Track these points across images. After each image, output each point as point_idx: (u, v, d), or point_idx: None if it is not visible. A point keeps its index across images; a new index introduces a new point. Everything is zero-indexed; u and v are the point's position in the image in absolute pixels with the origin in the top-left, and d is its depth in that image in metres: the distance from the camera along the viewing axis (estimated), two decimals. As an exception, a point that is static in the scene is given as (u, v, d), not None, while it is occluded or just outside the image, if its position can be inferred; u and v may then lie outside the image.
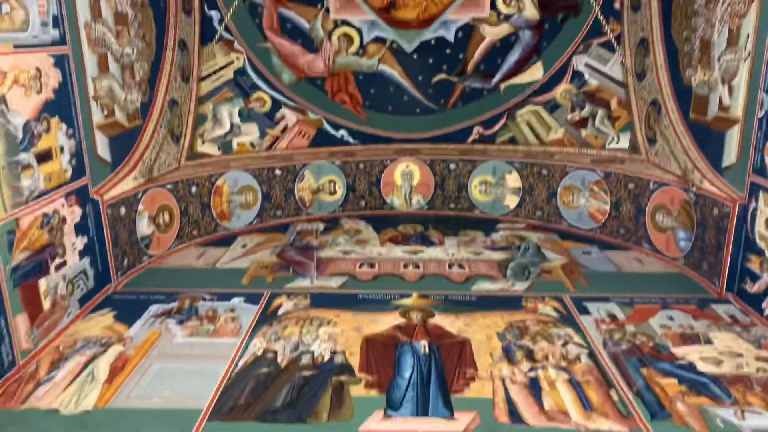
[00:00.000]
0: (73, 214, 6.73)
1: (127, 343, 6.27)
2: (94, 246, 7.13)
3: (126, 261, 7.83)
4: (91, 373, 5.72)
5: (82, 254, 6.89)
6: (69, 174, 6.66)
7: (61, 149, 6.50)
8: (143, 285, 7.69)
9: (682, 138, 8.13)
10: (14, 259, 5.72)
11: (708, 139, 7.68)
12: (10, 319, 5.61)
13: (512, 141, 10.30)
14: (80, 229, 6.87)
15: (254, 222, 9.69)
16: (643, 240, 8.69)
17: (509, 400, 5.35)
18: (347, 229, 9.75)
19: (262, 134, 10.08)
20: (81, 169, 6.90)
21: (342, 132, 10.39)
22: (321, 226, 9.82)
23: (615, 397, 5.35)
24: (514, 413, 5.19)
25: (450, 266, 8.32)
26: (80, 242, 6.87)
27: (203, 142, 9.61)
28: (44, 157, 6.20)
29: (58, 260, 6.42)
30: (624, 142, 9.49)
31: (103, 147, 7.39)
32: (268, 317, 6.87)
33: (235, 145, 9.89)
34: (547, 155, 9.88)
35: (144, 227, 8.15)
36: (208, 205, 9.16)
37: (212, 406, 5.26)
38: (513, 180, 9.94)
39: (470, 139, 10.43)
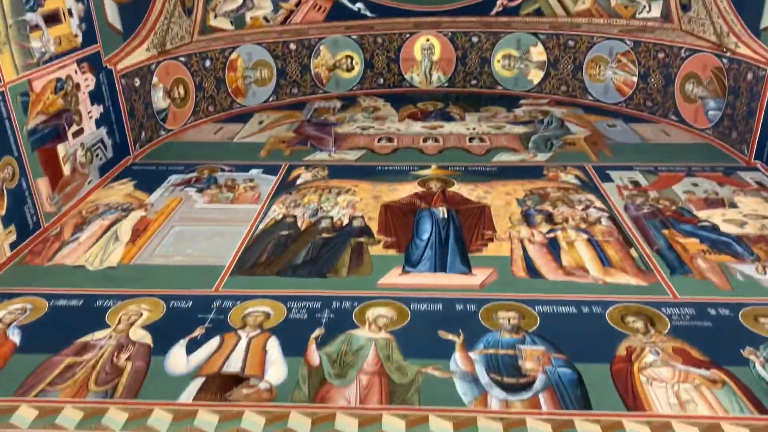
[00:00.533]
0: (86, 81, 6.62)
1: (148, 208, 6.33)
2: (110, 116, 7.07)
3: (143, 134, 7.79)
4: (114, 234, 5.81)
5: (98, 123, 6.85)
6: (80, 39, 6.49)
7: (69, 12, 6.30)
8: (162, 158, 7.68)
9: (719, 1, 7.64)
10: (30, 122, 5.69)
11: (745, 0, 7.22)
12: (31, 180, 5.65)
13: (538, 12, 9.79)
14: (95, 97, 6.79)
15: (270, 99, 9.52)
16: (670, 112, 8.40)
17: (527, 258, 5.36)
18: (365, 106, 9.55)
19: (276, 8, 9.68)
20: (92, 36, 6.72)
21: (359, 5, 9.92)
22: (338, 104, 9.62)
23: (635, 255, 5.33)
24: (531, 269, 5.21)
25: (470, 140, 8.17)
26: (96, 111, 6.80)
27: (215, 16, 9.26)
28: (52, 18, 6.02)
29: (74, 127, 6.39)
30: (656, 10, 8.97)
31: (113, 14, 7.16)
32: (286, 186, 6.86)
33: (248, 19, 9.53)
34: (573, 26, 9.43)
35: (159, 100, 8.05)
36: (223, 80, 8.97)
37: (234, 262, 5.35)
38: (538, 53, 9.54)
39: (494, 10, 9.93)
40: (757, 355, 4.04)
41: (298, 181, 6.99)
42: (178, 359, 4.15)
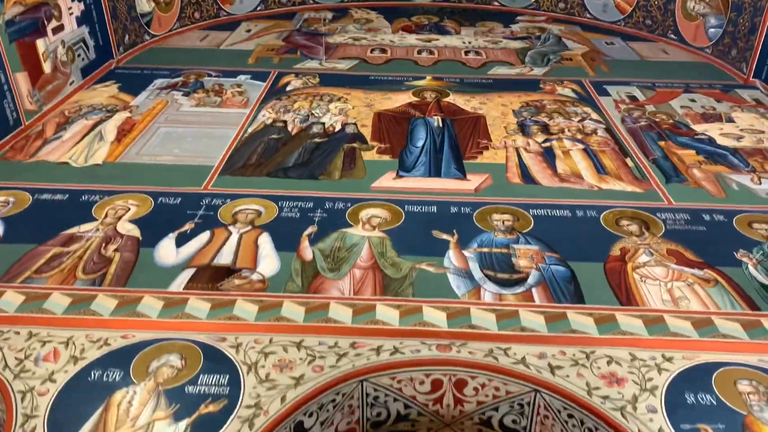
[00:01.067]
0: (65, -26, 6.28)
1: (133, 110, 6.12)
2: (91, 15, 6.73)
3: (127, 37, 7.46)
4: (98, 133, 5.63)
5: (79, 21, 6.53)
6: (56, -72, 6.12)
7: None
8: (146, 62, 7.39)
9: None
10: (6, 11, 5.39)
11: None
12: (9, 74, 5.40)
13: (538, -77, 9.40)
14: (75, -7, 6.46)
15: (258, 8, 9.14)
16: (669, 31, 8.20)
17: (522, 165, 5.28)
18: (357, 18, 9.22)
19: None
20: (69, -75, 6.34)
21: None
22: (329, 15, 9.28)
23: (630, 164, 5.27)
24: (526, 176, 5.14)
25: (466, 53, 7.94)
26: (76, 8, 6.47)
27: None
28: None
29: (54, 23, 6.08)
30: (662, -77, 8.63)
31: None
32: (276, 92, 6.66)
33: None
34: (575, -61, 9.07)
35: (143, 3, 7.68)
36: (210, -15, 8.58)
37: (223, 163, 5.21)
38: (536, -33, 9.22)
39: None
40: (750, 257, 4.05)
41: (288, 88, 6.78)
42: (167, 251, 4.07)
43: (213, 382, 3.07)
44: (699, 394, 3.04)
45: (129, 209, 4.50)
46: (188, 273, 3.88)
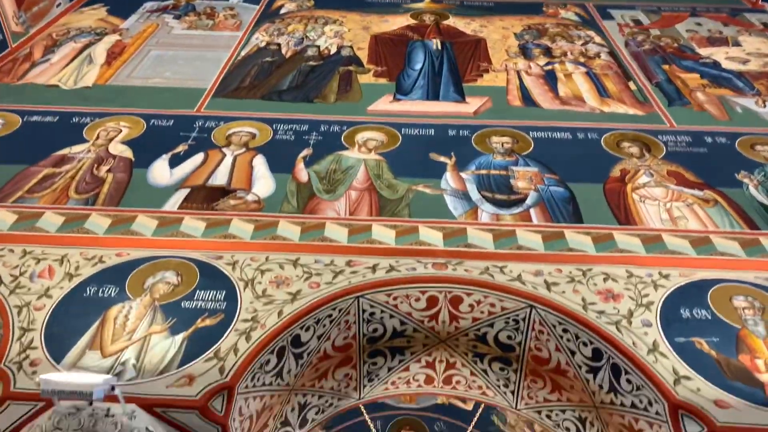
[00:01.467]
0: None
1: (123, 33, 5.94)
2: (75, -67, 6.47)
3: (114, -41, 7.18)
4: (88, 56, 5.48)
5: (63, -61, 6.27)
6: None
7: None
8: (135, -15, 7.15)
9: None
10: (-14, -75, 5.17)
11: None
12: (-8, -7, 5.23)
13: None
14: None
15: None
16: (679, -48, 7.90)
17: (523, 88, 5.17)
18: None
19: None
20: None
21: None
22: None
23: (633, 88, 5.15)
24: (527, 98, 5.03)
25: (465, -24, 7.67)
26: (59, -76, 6.20)
27: None
28: None
29: (36, -60, 5.84)
30: None
31: None
32: (269, 15, 6.46)
33: None
34: None
35: None
36: None
37: (216, 86, 5.09)
38: None
39: None
40: (751, 178, 4.00)
41: (282, 11, 6.57)
42: (161, 171, 4.01)
43: (210, 298, 3.07)
44: (695, 309, 3.05)
45: (121, 131, 4.41)
46: (182, 193, 3.83)
